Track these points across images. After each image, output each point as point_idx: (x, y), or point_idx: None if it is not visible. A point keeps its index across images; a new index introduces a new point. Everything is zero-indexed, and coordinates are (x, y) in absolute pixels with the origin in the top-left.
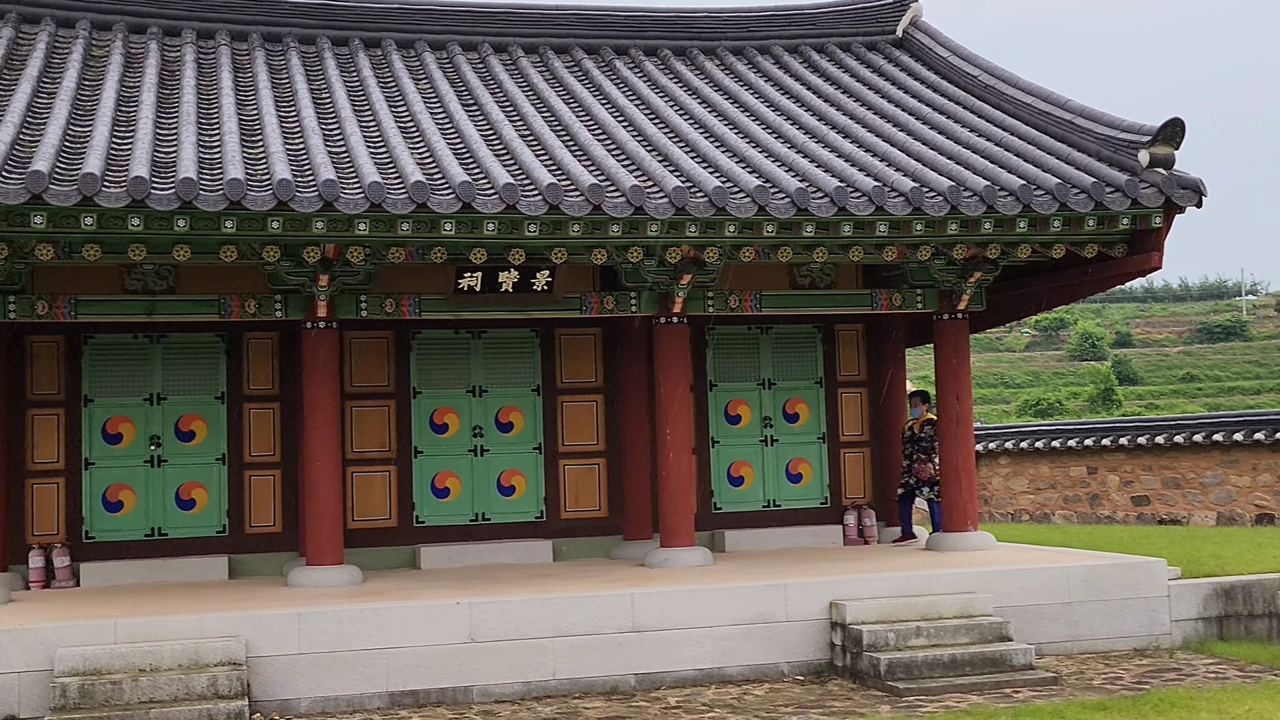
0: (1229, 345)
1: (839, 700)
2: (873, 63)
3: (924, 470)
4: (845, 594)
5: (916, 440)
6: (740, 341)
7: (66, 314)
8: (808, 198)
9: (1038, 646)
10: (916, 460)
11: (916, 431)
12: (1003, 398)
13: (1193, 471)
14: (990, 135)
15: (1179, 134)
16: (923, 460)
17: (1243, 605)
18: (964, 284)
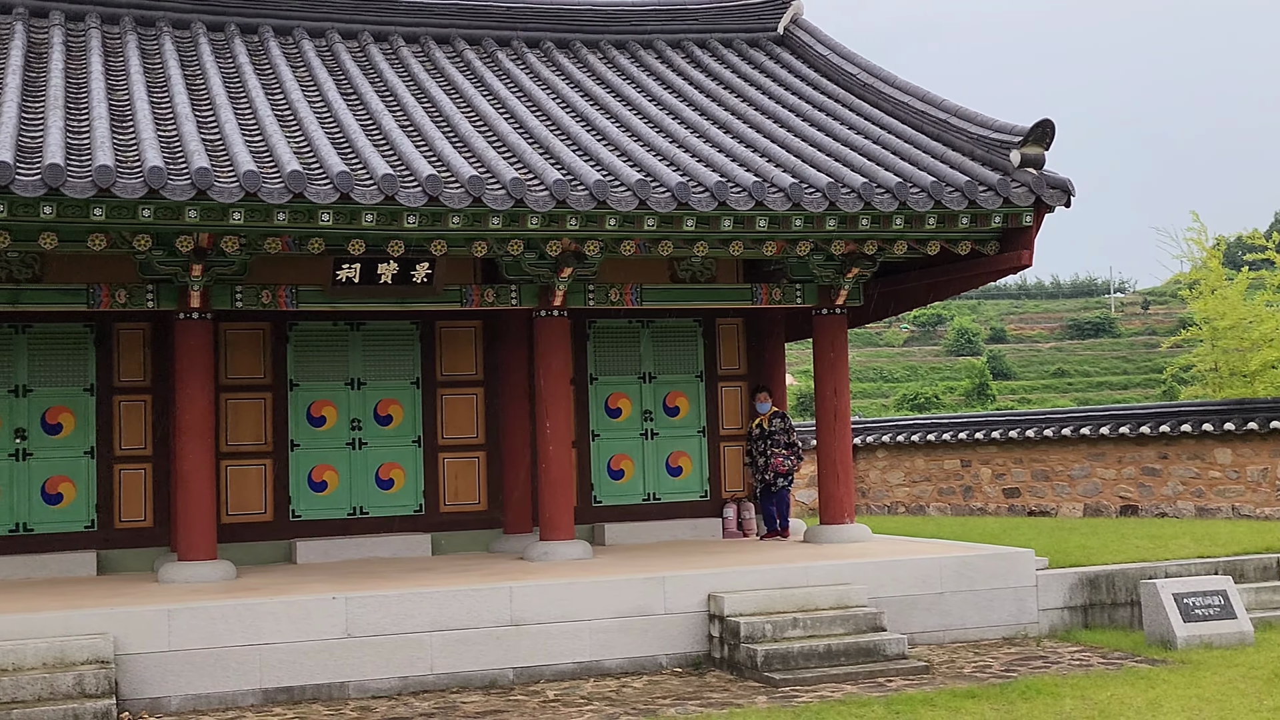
0: (1098, 341)
1: (716, 692)
2: (754, 59)
3: (781, 464)
4: (723, 586)
5: (769, 435)
6: (621, 335)
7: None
8: (688, 192)
9: (911, 636)
10: (773, 455)
11: (766, 427)
12: (881, 392)
13: (1061, 464)
14: (868, 133)
15: (1049, 135)
16: (780, 455)
17: (1106, 594)
18: (842, 279)
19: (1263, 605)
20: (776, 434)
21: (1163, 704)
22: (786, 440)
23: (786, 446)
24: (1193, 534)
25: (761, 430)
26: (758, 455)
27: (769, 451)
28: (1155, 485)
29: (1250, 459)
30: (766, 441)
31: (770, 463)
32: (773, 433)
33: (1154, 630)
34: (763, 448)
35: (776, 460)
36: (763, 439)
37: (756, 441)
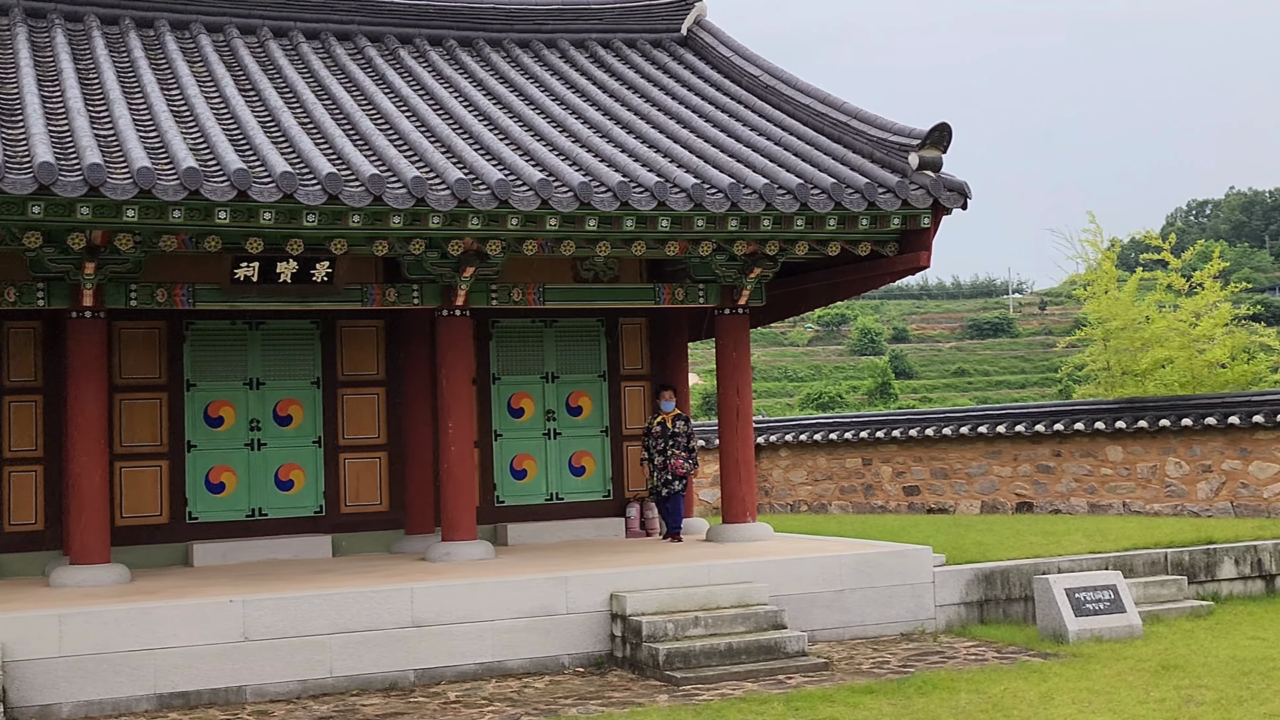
0: (997, 341)
1: (618, 691)
2: (658, 60)
3: (680, 467)
4: (626, 586)
5: (671, 435)
6: (524, 334)
7: None
8: (591, 192)
9: (811, 633)
10: (673, 457)
11: (670, 426)
12: (786, 391)
13: (960, 462)
14: (770, 134)
15: (946, 138)
16: (680, 457)
17: (1001, 590)
18: (745, 280)
19: (1151, 599)
20: (678, 435)
21: (1054, 697)
22: (687, 443)
23: (686, 449)
24: (1085, 530)
25: (664, 429)
26: (656, 454)
27: (669, 452)
28: (1050, 482)
29: (1140, 456)
30: (668, 441)
31: (669, 463)
32: (675, 434)
33: (1047, 625)
34: (662, 447)
35: (676, 462)
36: (664, 438)
37: (657, 440)
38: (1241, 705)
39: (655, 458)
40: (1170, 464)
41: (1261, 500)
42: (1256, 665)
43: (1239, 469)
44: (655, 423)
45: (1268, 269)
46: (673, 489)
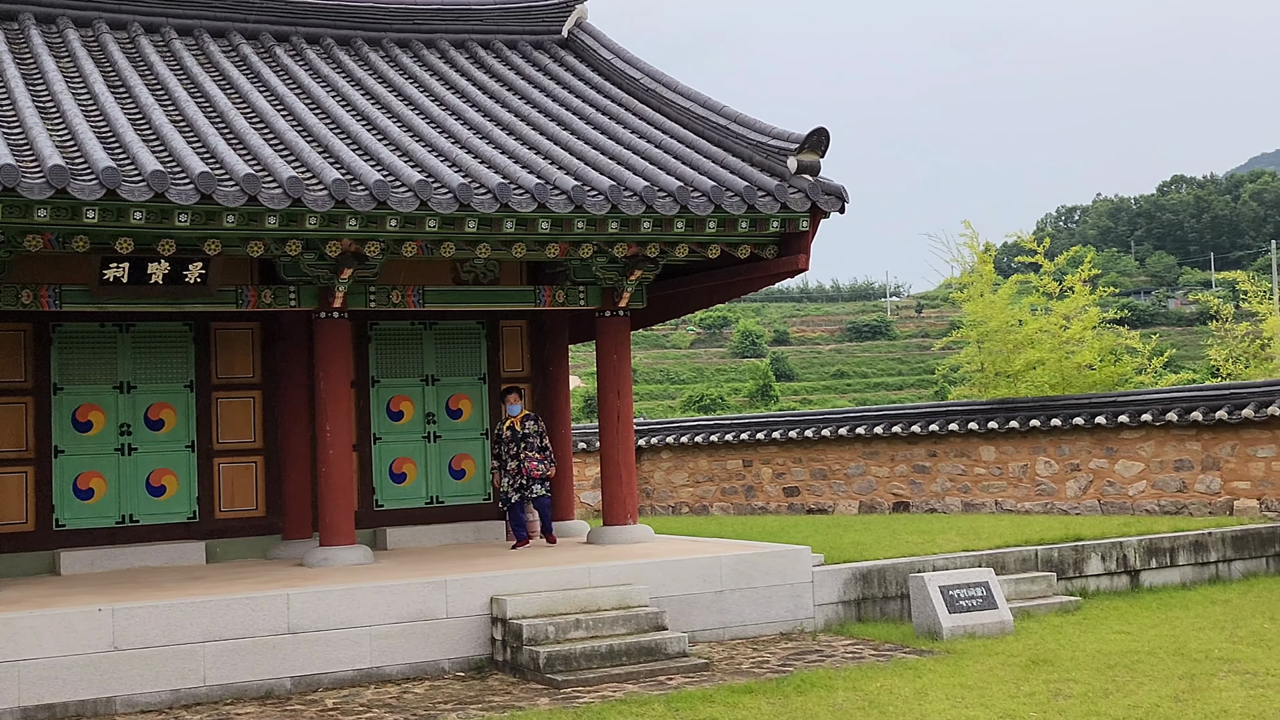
0: (875, 343)
1: (499, 695)
2: (539, 61)
3: (536, 468)
4: (506, 589)
5: (523, 438)
6: (403, 337)
7: None
8: (470, 193)
9: (692, 634)
10: (526, 459)
11: (519, 429)
12: (668, 393)
13: (838, 463)
14: (650, 137)
15: (824, 142)
16: (534, 459)
17: (878, 588)
18: (625, 282)
19: (1022, 595)
20: (530, 436)
21: (929, 692)
22: (540, 444)
23: (540, 450)
24: (959, 529)
25: (514, 432)
26: (509, 458)
27: (522, 455)
28: (925, 482)
29: (1012, 456)
30: (520, 445)
31: (524, 466)
32: (526, 435)
33: (922, 622)
34: (515, 450)
35: (531, 464)
36: (515, 441)
37: (509, 444)
38: (1107, 698)
39: (509, 462)
40: (1041, 463)
41: (1127, 498)
42: (1122, 658)
43: (1106, 468)
44: (505, 427)
45: (1133, 274)
46: (534, 492)
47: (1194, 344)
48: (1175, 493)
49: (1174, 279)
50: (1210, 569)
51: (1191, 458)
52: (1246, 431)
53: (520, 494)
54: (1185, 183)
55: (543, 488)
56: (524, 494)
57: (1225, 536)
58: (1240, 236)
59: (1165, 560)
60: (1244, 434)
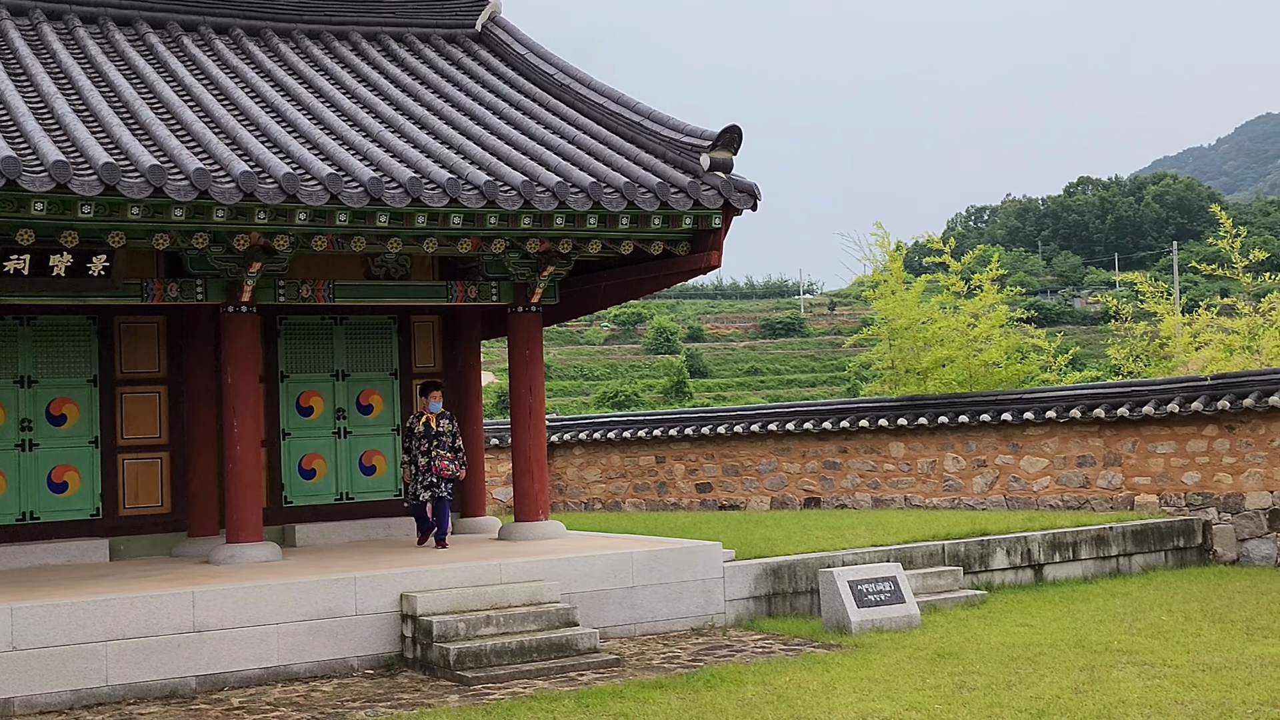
0: (789, 341)
1: (408, 692)
2: (451, 55)
3: (446, 468)
4: (416, 586)
5: (436, 435)
6: (313, 332)
7: None
8: (382, 188)
9: (603, 630)
10: (438, 458)
11: (434, 426)
12: (582, 390)
13: (750, 459)
14: (564, 133)
15: (736, 140)
16: (445, 458)
17: (788, 584)
18: (538, 278)
19: (929, 590)
20: (444, 435)
21: (836, 686)
22: (453, 444)
23: (452, 450)
24: (868, 524)
25: (428, 429)
26: (419, 454)
27: (433, 453)
28: (836, 478)
29: (921, 452)
30: (432, 442)
31: (434, 464)
32: (439, 434)
33: (831, 616)
34: (426, 447)
35: (442, 463)
36: (428, 438)
37: (420, 440)
38: (1010, 689)
39: (419, 459)
40: (949, 459)
41: (1032, 493)
42: (1024, 651)
43: (1011, 464)
44: (419, 422)
45: (1040, 273)
46: (439, 493)
47: (1098, 343)
48: (1078, 488)
49: (1080, 279)
50: (1111, 563)
51: (1094, 454)
52: (1147, 428)
53: (429, 492)
54: (1091, 184)
55: (448, 488)
56: (433, 492)
57: (1126, 531)
58: (1143, 237)
59: (1068, 554)
60: (1144, 431)
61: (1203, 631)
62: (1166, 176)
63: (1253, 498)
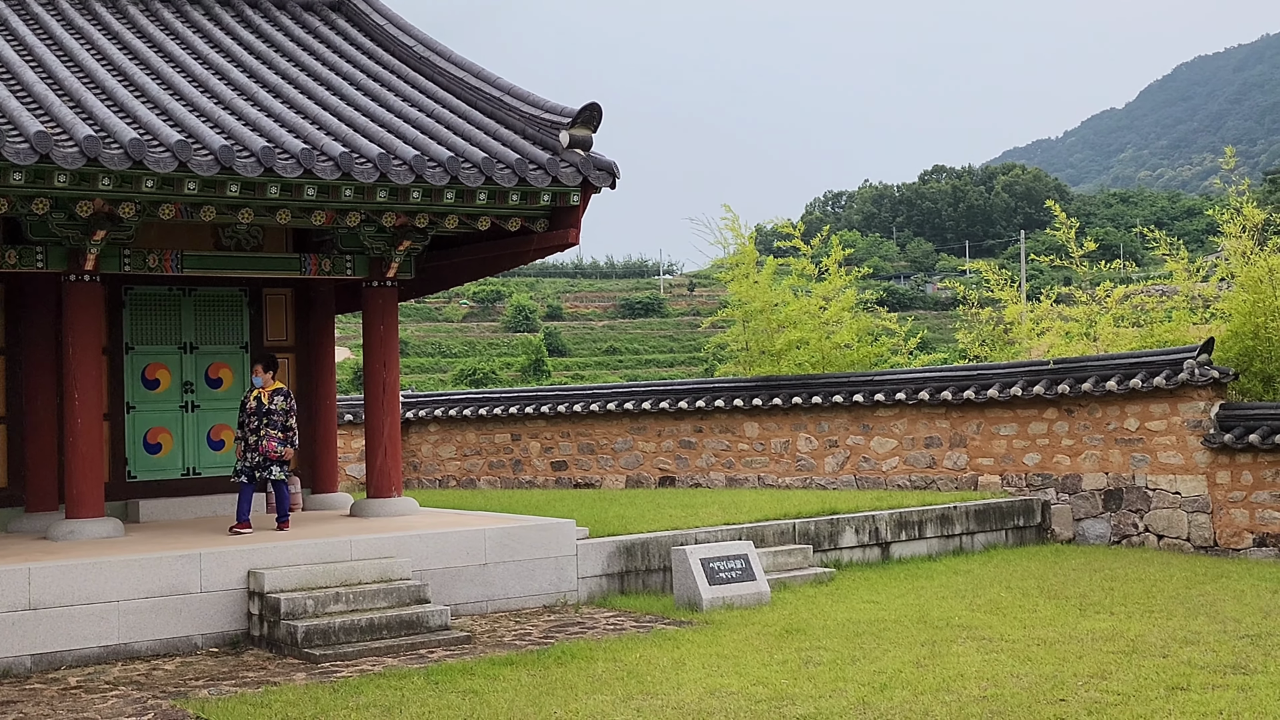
0: (648, 321)
1: (254, 670)
2: (308, 24)
3: (274, 448)
4: (264, 562)
5: (266, 413)
6: (161, 303)
7: None
8: (233, 156)
9: (455, 607)
10: (266, 437)
11: (266, 403)
12: (440, 367)
13: (606, 438)
14: (422, 106)
15: (596, 118)
16: (274, 438)
17: (641, 561)
18: (394, 252)
19: (779, 567)
20: (275, 414)
21: (686, 662)
22: (284, 423)
23: (283, 430)
24: (721, 503)
25: (260, 405)
26: (249, 432)
27: (262, 431)
28: (691, 457)
29: (775, 432)
30: (262, 419)
31: (263, 444)
32: (271, 411)
33: (683, 594)
34: (255, 425)
35: (270, 443)
36: (258, 415)
37: (250, 417)
38: (854, 664)
39: (248, 436)
40: (801, 439)
41: (881, 473)
42: (869, 627)
43: (862, 444)
44: (251, 397)
45: (894, 259)
46: (270, 474)
47: (948, 327)
48: (925, 468)
49: (932, 265)
50: (955, 541)
51: (941, 435)
52: (991, 411)
53: (260, 473)
54: (945, 173)
55: (281, 470)
56: (260, 474)
57: (969, 510)
58: (993, 225)
59: (914, 533)
60: (989, 413)
61: (1039, 607)
62: (1016, 167)
63: (1089, 479)
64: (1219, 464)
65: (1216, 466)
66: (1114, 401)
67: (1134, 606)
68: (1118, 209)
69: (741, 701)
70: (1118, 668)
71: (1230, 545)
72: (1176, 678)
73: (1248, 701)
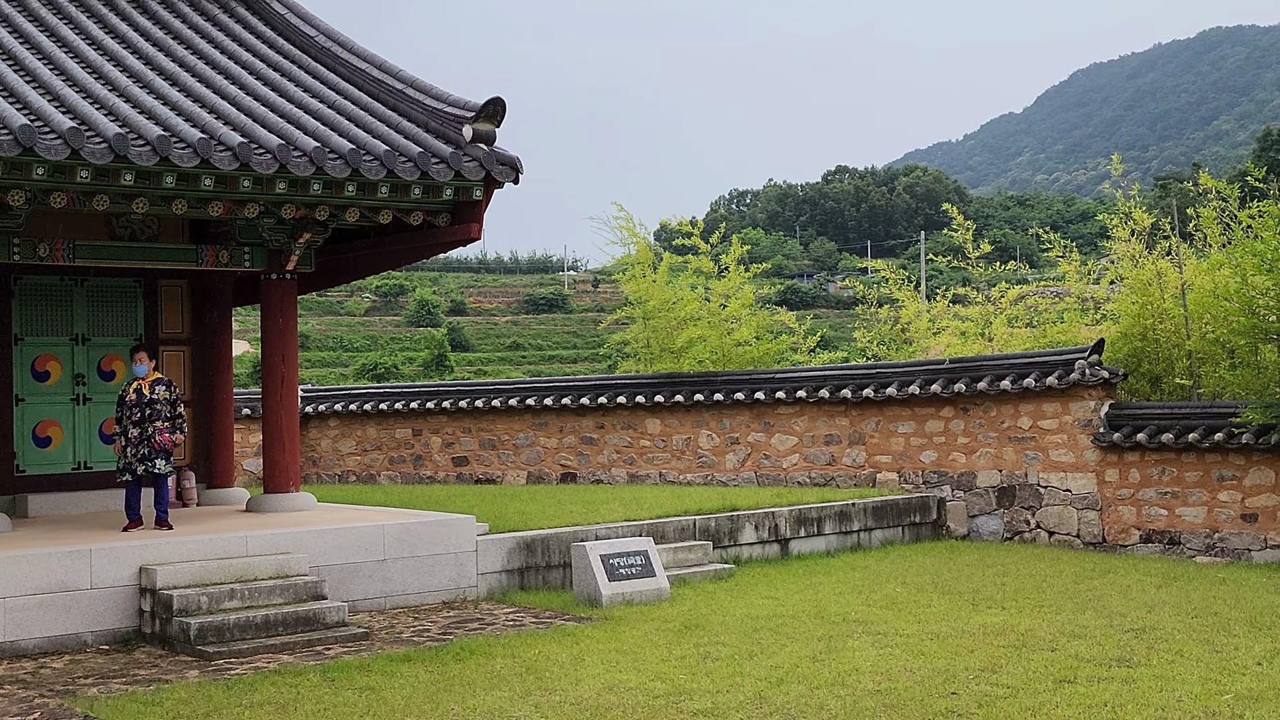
0: (552, 316)
1: (145, 668)
2: (208, 11)
3: (168, 439)
4: (157, 558)
5: (150, 404)
6: (52, 293)
7: None
8: (127, 145)
9: (353, 603)
10: (155, 431)
11: (147, 393)
12: (341, 361)
13: (507, 434)
14: (324, 97)
15: (500, 112)
16: (165, 429)
17: (541, 557)
18: (293, 244)
19: (680, 563)
20: (159, 403)
21: (585, 658)
22: (171, 412)
23: (168, 419)
24: (622, 499)
25: (140, 397)
26: (131, 425)
27: (146, 424)
28: (592, 453)
29: (676, 429)
30: (145, 410)
31: (155, 439)
32: (154, 401)
33: (583, 590)
34: (138, 417)
35: (163, 435)
36: (140, 407)
37: (131, 409)
38: (752, 659)
39: (130, 430)
40: (703, 436)
41: (781, 470)
42: (767, 622)
43: (762, 441)
44: (130, 389)
45: (798, 257)
46: (157, 469)
47: (849, 326)
48: (825, 465)
49: (835, 264)
50: (853, 537)
51: (840, 433)
52: (889, 409)
53: (144, 466)
54: (848, 173)
55: (167, 463)
56: (148, 468)
57: (867, 507)
58: (895, 226)
59: (813, 529)
60: (887, 411)
61: (933, 602)
62: (917, 169)
63: (984, 476)
64: (1108, 462)
65: (1106, 465)
66: (1008, 400)
67: (1025, 601)
68: (1015, 211)
69: (639, 697)
70: (1008, 661)
71: (1118, 541)
72: (1064, 671)
73: (1131, 693)
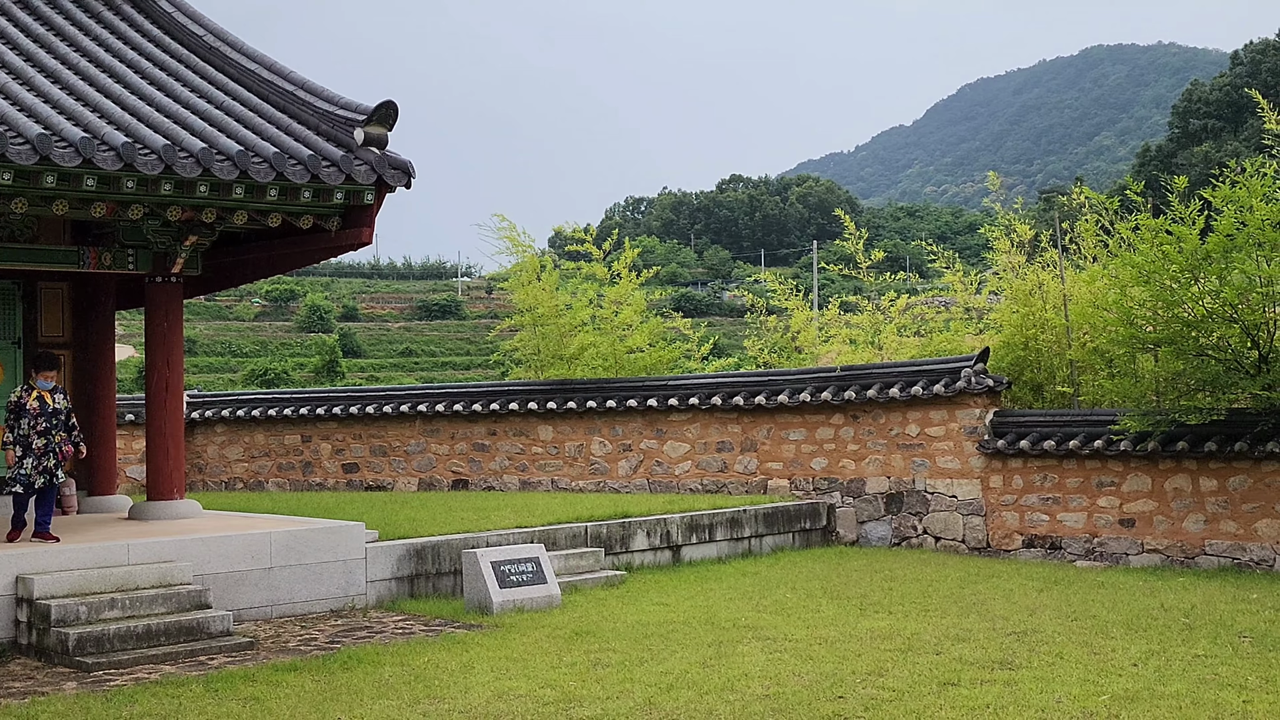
0: (445, 323)
1: (20, 681)
2: (91, 8)
3: (70, 451)
4: (34, 567)
5: (53, 413)
6: None
7: None
8: (6, 143)
9: (239, 612)
10: (63, 442)
11: (50, 403)
12: (230, 366)
13: (399, 440)
14: (212, 98)
15: (392, 116)
16: (68, 440)
17: (432, 564)
18: (179, 247)
19: (571, 570)
20: (61, 412)
21: (475, 666)
22: (70, 421)
23: (69, 429)
24: (514, 506)
25: (44, 406)
26: (36, 435)
27: (51, 434)
28: (485, 460)
29: (569, 435)
30: (51, 420)
31: (62, 449)
32: (58, 410)
33: (473, 597)
34: (44, 427)
35: (68, 446)
36: (46, 417)
37: (37, 419)
38: (642, 665)
39: (34, 440)
40: (595, 443)
41: (674, 477)
42: (658, 629)
43: (655, 448)
44: (32, 398)
45: (692, 265)
46: (55, 480)
47: (742, 334)
48: (717, 472)
49: (729, 272)
50: (744, 544)
51: (733, 440)
52: (781, 416)
53: (44, 478)
54: (742, 182)
55: (62, 475)
56: (48, 478)
57: (758, 514)
58: (788, 235)
59: (704, 536)
60: (779, 418)
61: (822, 607)
62: (810, 179)
63: (873, 482)
64: (992, 469)
65: (990, 471)
66: (897, 408)
67: (911, 606)
68: (905, 222)
69: (529, 704)
70: (894, 665)
71: (1002, 546)
72: (948, 674)
73: (1013, 695)
